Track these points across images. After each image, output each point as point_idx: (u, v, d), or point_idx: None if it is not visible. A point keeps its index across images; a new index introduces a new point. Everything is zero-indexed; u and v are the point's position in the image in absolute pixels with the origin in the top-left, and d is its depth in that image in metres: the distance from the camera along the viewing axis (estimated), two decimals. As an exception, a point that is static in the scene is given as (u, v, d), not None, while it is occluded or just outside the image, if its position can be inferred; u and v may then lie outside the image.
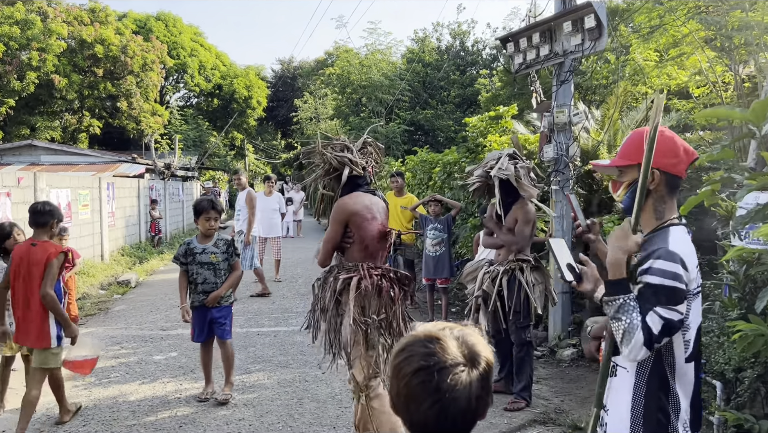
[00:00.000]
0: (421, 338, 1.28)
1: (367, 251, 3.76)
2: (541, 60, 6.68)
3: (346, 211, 3.72)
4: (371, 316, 3.63)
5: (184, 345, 6.88)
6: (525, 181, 5.03)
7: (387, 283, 3.70)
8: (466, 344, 1.28)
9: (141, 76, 27.15)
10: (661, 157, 2.11)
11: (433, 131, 20.01)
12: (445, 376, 1.22)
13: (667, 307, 2.01)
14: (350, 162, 3.83)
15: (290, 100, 41.01)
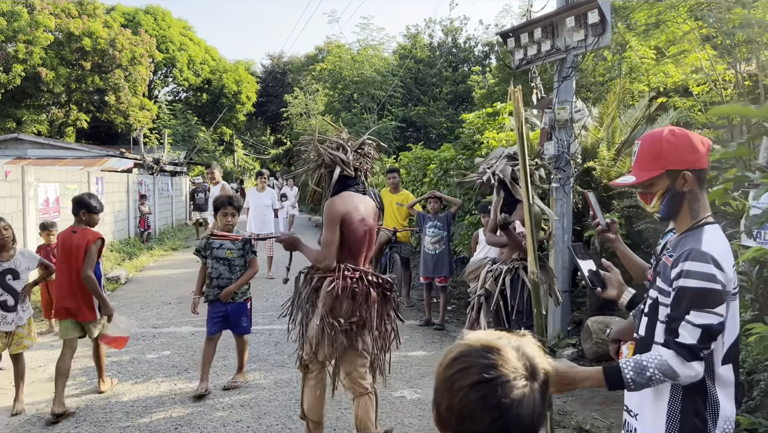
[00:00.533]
0: (477, 348, 1.16)
1: (350, 252, 3.77)
2: (542, 56, 6.59)
3: (338, 212, 3.71)
4: (339, 319, 3.66)
5: (177, 343, 6.74)
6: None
7: (364, 286, 3.72)
8: (525, 355, 1.16)
9: (129, 69, 26.85)
10: (685, 156, 2.06)
11: (425, 128, 19.91)
12: (508, 391, 1.10)
13: (704, 310, 1.94)
14: (342, 162, 3.81)
15: (280, 95, 40.77)
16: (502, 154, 5.06)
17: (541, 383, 1.15)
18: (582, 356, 6.18)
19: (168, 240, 16.65)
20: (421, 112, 19.86)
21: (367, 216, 3.82)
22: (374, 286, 3.79)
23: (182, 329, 7.34)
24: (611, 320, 6.09)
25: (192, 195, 18.39)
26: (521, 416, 1.11)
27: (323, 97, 25.81)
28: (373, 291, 3.76)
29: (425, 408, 4.86)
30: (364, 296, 3.72)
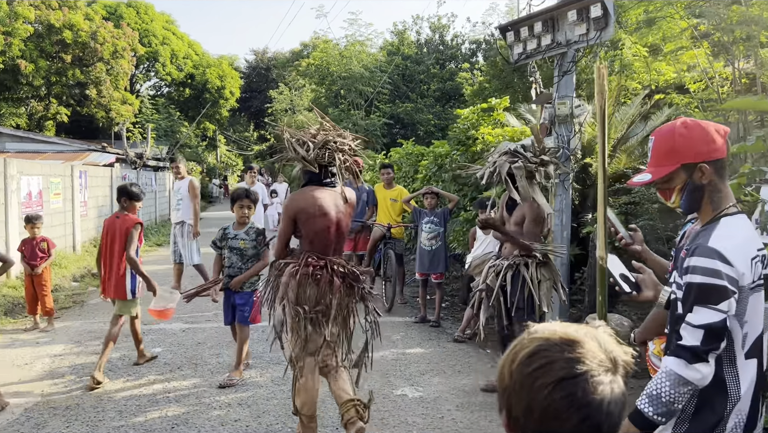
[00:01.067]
0: (557, 342, 1.06)
1: (312, 245, 3.87)
2: (542, 50, 6.51)
3: (291, 208, 3.85)
4: (304, 306, 3.73)
5: (168, 340, 6.58)
6: (522, 181, 4.87)
7: (327, 273, 3.78)
8: (606, 347, 1.07)
9: (111, 63, 26.39)
10: (700, 148, 2.00)
11: (413, 125, 19.83)
12: (596, 386, 1.01)
13: (706, 306, 1.89)
14: (302, 159, 3.89)
15: (264, 91, 40.47)
16: (507, 150, 4.97)
17: (623, 376, 1.07)
18: (581, 354, 6.12)
19: (152, 236, 16.38)
20: (408, 109, 19.77)
21: (331, 210, 3.88)
22: (339, 275, 3.84)
23: (172, 326, 7.17)
24: (611, 317, 6.02)
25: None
26: (611, 413, 1.02)
27: (309, 93, 25.60)
28: (337, 279, 3.81)
29: (428, 406, 4.76)
30: (328, 283, 3.77)
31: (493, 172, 4.98)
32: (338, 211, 3.94)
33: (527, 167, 4.87)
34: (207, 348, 6.30)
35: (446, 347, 6.42)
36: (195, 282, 9.15)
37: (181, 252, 9.07)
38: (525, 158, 4.90)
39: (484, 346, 6.49)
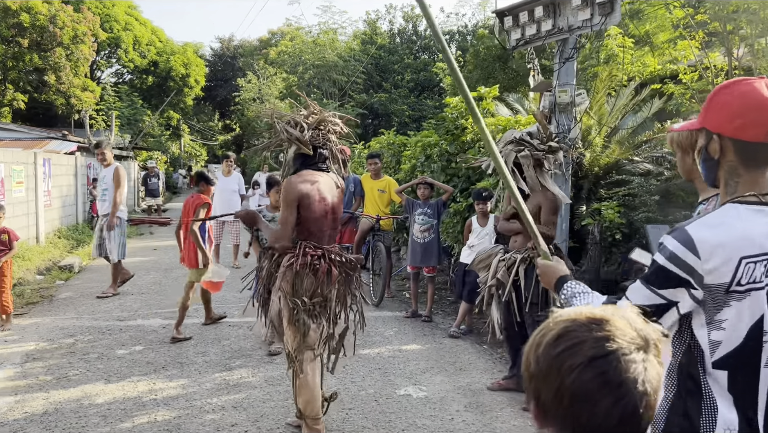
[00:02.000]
0: (583, 322, 1.00)
1: (309, 231, 3.73)
2: (542, 36, 6.30)
3: (294, 192, 3.66)
4: (303, 297, 3.61)
5: (148, 338, 6.19)
6: (530, 171, 4.64)
7: (325, 264, 3.67)
8: (637, 326, 1.01)
9: (71, 48, 25.37)
10: (728, 117, 1.71)
11: (387, 116, 19.54)
12: (629, 365, 0.96)
13: (648, 286, 1.70)
14: (297, 140, 3.73)
15: (230, 80, 39.69)
16: (513, 138, 4.73)
17: (655, 355, 1.01)
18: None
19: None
20: (383, 99, 19.47)
21: (328, 195, 3.77)
22: (336, 264, 3.73)
23: (151, 322, 6.78)
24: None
25: (144, 180, 17.53)
26: (646, 393, 0.97)
27: (279, 82, 25.09)
28: (335, 269, 3.70)
29: (435, 407, 4.51)
30: (326, 273, 3.66)
31: None
32: (333, 197, 3.83)
33: (534, 156, 4.64)
34: (191, 346, 5.94)
35: (442, 342, 6.18)
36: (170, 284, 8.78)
37: (107, 247, 8.16)
38: (532, 146, 4.66)
39: (481, 341, 6.28)
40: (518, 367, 4.87)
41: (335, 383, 4.94)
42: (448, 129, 8.38)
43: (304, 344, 3.69)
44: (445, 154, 8.19)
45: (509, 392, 4.80)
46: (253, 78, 29.23)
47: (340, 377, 5.07)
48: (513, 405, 4.56)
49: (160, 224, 16.75)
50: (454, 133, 8.28)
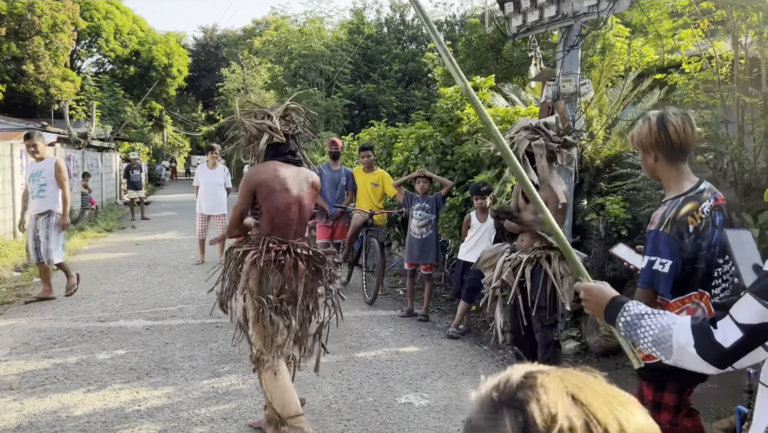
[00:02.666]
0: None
1: (273, 224, 3.65)
2: (545, 22, 6.02)
3: (252, 181, 3.62)
4: (268, 295, 3.52)
5: (131, 341, 5.85)
6: (542, 162, 4.34)
7: (291, 258, 3.55)
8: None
9: (50, 37, 24.77)
10: None
11: (375, 107, 19.21)
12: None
13: (762, 300, 1.49)
14: (269, 129, 3.69)
15: (213, 70, 39.09)
16: (528, 126, 4.44)
17: None
18: (586, 350, 5.70)
19: (101, 221, 15.33)
20: (371, 90, 19.12)
21: (293, 186, 3.68)
22: (303, 258, 3.62)
23: (134, 323, 6.44)
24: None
25: (126, 172, 17.08)
26: None
27: (264, 72, 24.63)
28: (302, 263, 3.59)
29: (440, 417, 4.23)
30: (292, 268, 3.55)
31: (510, 147, 4.44)
32: (301, 190, 3.74)
33: (549, 146, 4.34)
34: (176, 349, 5.62)
35: (441, 344, 5.91)
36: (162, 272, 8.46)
37: (45, 248, 7.32)
38: (547, 136, 4.37)
39: (481, 342, 6.02)
40: (525, 372, 4.61)
41: (331, 390, 4.66)
42: (443, 120, 8.09)
43: (272, 344, 3.57)
44: (440, 146, 7.90)
45: (516, 399, 4.53)
46: (237, 68, 28.71)
47: (336, 384, 4.79)
48: (521, 414, 4.29)
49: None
50: (449, 124, 8.00)
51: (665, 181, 2.63)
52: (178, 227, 14.84)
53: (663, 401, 2.72)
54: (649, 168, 2.64)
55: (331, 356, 5.45)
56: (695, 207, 2.50)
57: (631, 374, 5.08)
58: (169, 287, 8.09)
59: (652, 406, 2.70)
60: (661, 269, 2.43)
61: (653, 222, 2.52)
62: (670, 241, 2.45)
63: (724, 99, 6.68)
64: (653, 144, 2.54)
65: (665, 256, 2.43)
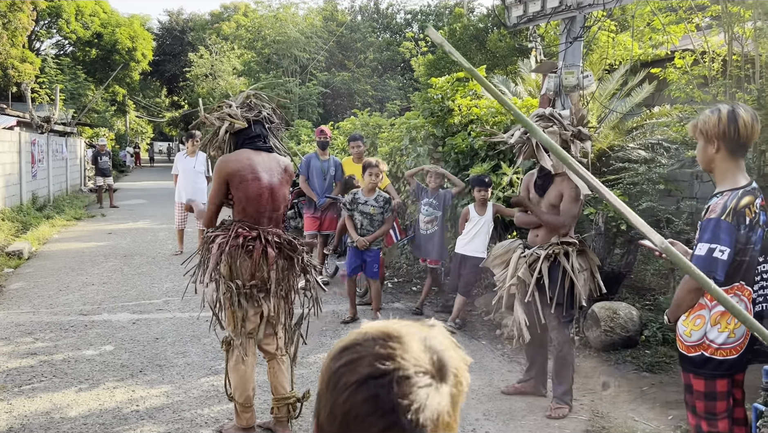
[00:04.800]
0: (372, 335, 0.91)
1: (245, 212, 3.62)
2: (547, 13, 5.93)
3: (223, 170, 3.58)
4: (236, 280, 3.51)
5: (118, 335, 5.60)
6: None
7: (261, 245, 3.52)
8: (433, 348, 0.91)
9: (8, 17, 23.77)
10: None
11: (350, 95, 18.99)
12: (406, 389, 0.84)
13: None
14: (228, 116, 3.68)
15: (179, 55, 38.23)
16: (540, 113, 4.34)
17: (452, 385, 0.91)
18: (585, 345, 5.66)
19: (67, 208, 14.81)
20: (346, 78, 18.88)
21: (263, 174, 3.63)
22: (273, 245, 3.57)
23: (119, 317, 6.18)
24: (619, 305, 5.60)
25: (95, 159, 16.55)
26: (423, 425, 0.84)
27: (234, 58, 24.14)
28: (272, 250, 3.54)
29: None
30: (261, 255, 3.51)
31: (523, 135, 4.32)
32: (272, 177, 3.68)
33: (562, 135, 4.25)
34: (168, 345, 5.39)
35: (440, 339, 5.80)
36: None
37: None
38: (561, 125, 4.27)
39: (478, 336, 5.94)
40: (536, 370, 4.54)
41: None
42: (433, 111, 7.97)
43: (242, 331, 3.56)
44: (431, 138, 7.78)
45: (526, 397, 4.46)
46: (205, 53, 28.09)
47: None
48: (535, 412, 4.22)
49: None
50: (439, 115, 7.88)
51: (720, 174, 2.70)
52: (151, 215, 14.43)
53: (716, 390, 2.73)
54: (707, 158, 2.69)
55: (328, 351, 5.33)
56: (752, 201, 2.61)
57: (633, 369, 5.08)
58: (150, 279, 7.81)
59: (705, 397, 2.73)
60: (720, 256, 2.51)
61: (713, 211, 2.58)
62: (730, 230, 2.52)
63: (715, 95, 6.71)
64: (720, 135, 2.60)
65: (725, 244, 2.51)
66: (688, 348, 2.75)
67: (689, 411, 2.85)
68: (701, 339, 2.70)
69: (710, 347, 2.67)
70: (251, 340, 3.63)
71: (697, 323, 2.71)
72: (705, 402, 2.73)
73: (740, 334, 2.66)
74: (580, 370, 5.02)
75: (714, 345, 2.67)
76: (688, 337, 2.74)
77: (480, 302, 6.75)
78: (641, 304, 6.16)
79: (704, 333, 2.69)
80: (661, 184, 6.20)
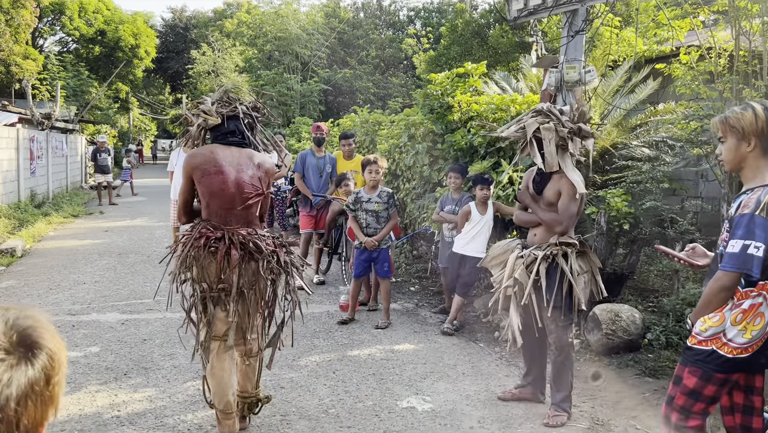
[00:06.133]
0: None
1: (209, 209, 3.47)
2: (548, 6, 5.75)
3: (188, 165, 3.47)
4: (203, 282, 3.39)
5: (105, 336, 5.46)
6: (551, 147, 4.05)
7: (224, 246, 3.34)
8: (18, 326, 0.99)
9: (11, 13, 23.73)
10: None
11: (352, 93, 18.83)
12: None
13: None
14: (203, 112, 3.60)
15: (182, 52, 38.15)
16: (538, 108, 4.16)
17: (40, 366, 0.99)
18: (587, 347, 5.49)
19: (66, 205, 14.70)
20: (348, 75, 18.72)
21: (230, 169, 3.46)
22: (238, 246, 3.38)
23: (107, 317, 6.03)
24: (621, 307, 5.43)
25: (94, 155, 16.44)
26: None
27: (236, 54, 23.99)
28: (235, 252, 3.35)
29: (446, 423, 3.96)
30: (224, 256, 3.34)
31: (519, 130, 4.14)
32: (240, 172, 3.49)
33: (559, 132, 4.06)
34: (156, 346, 5.24)
35: (437, 341, 5.64)
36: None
37: None
38: (558, 120, 4.09)
39: (475, 339, 5.77)
40: (534, 375, 4.37)
41: (327, 392, 4.35)
42: (432, 107, 7.80)
43: (211, 332, 3.43)
44: (430, 135, 7.61)
45: (524, 403, 4.29)
46: (207, 50, 27.96)
47: (332, 385, 4.49)
48: (532, 419, 4.05)
49: None
50: (439, 111, 7.70)
51: (751, 171, 2.62)
52: (149, 212, 14.31)
53: (703, 391, 2.63)
54: (739, 156, 2.61)
55: (324, 354, 5.18)
56: None
57: (635, 374, 4.90)
58: (143, 278, 7.68)
59: (689, 393, 2.64)
60: (756, 252, 2.43)
61: (747, 206, 2.49)
62: (765, 225, 2.44)
63: (722, 91, 6.52)
64: (757, 132, 2.53)
65: (760, 240, 2.43)
66: (699, 342, 2.63)
67: (666, 402, 2.76)
68: (717, 335, 2.58)
69: (723, 343, 2.55)
70: (222, 344, 3.47)
71: (715, 320, 2.59)
72: (686, 398, 2.64)
73: (757, 335, 2.54)
74: (580, 375, 4.86)
75: (731, 344, 2.55)
76: (703, 332, 2.62)
77: (479, 303, 6.58)
78: (644, 306, 5.98)
79: (722, 330, 2.57)
80: (665, 182, 6.02)
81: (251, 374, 3.74)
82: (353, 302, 6.22)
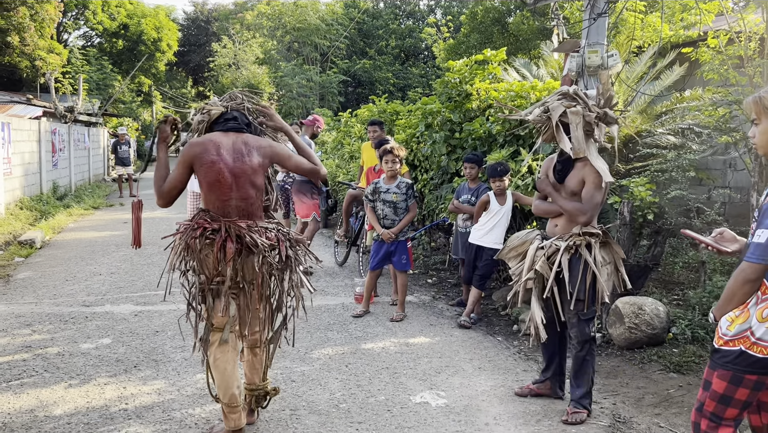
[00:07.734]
0: None
1: (208, 199, 3.36)
2: (570, -12, 5.54)
3: (186, 152, 3.33)
4: (200, 274, 3.31)
5: (118, 328, 5.41)
6: (578, 132, 3.87)
7: (220, 238, 3.23)
8: None
9: (36, 8, 23.95)
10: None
11: (371, 83, 18.69)
12: None
13: None
14: (207, 106, 3.53)
15: (203, 45, 38.27)
16: (564, 91, 3.98)
17: None
18: (609, 342, 5.31)
19: (87, 197, 14.80)
20: (367, 66, 18.57)
21: (228, 155, 3.32)
22: (234, 239, 3.25)
23: (121, 308, 5.99)
24: (644, 300, 5.23)
25: (114, 148, 16.53)
26: None
27: (256, 47, 23.95)
28: (231, 244, 3.23)
29: (461, 420, 3.83)
30: (219, 249, 3.23)
31: (544, 114, 3.96)
32: (238, 160, 3.33)
33: (586, 116, 3.88)
34: (167, 338, 5.18)
35: (453, 334, 5.50)
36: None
37: None
38: (585, 104, 3.90)
39: (494, 332, 5.62)
40: (554, 370, 4.21)
41: (339, 386, 4.24)
42: (450, 96, 7.63)
43: (211, 325, 3.35)
44: (448, 123, 7.44)
45: (542, 399, 4.14)
46: (228, 43, 27.97)
47: (344, 379, 4.38)
48: (551, 416, 3.90)
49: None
50: (457, 100, 7.53)
51: None
52: (168, 205, 14.33)
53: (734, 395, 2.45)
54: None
55: (337, 347, 5.07)
56: None
57: (659, 370, 4.72)
58: (158, 269, 7.63)
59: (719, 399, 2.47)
60: None
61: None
62: None
63: (752, 76, 6.26)
64: None
65: None
66: (726, 342, 2.44)
67: (695, 408, 2.58)
68: (744, 332, 2.39)
69: (752, 343, 2.36)
70: (220, 336, 3.38)
71: (738, 315, 2.43)
72: (717, 403, 2.47)
73: None
74: (601, 370, 4.69)
75: (761, 343, 2.36)
76: (730, 331, 2.44)
77: (497, 296, 6.43)
78: (669, 299, 5.78)
79: (748, 327, 2.38)
80: (691, 171, 5.79)
81: (258, 366, 3.64)
82: (368, 294, 6.12)
